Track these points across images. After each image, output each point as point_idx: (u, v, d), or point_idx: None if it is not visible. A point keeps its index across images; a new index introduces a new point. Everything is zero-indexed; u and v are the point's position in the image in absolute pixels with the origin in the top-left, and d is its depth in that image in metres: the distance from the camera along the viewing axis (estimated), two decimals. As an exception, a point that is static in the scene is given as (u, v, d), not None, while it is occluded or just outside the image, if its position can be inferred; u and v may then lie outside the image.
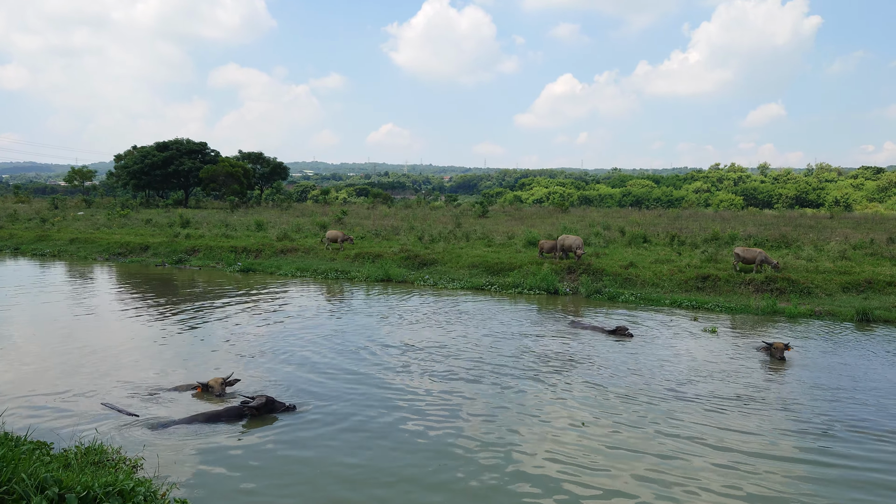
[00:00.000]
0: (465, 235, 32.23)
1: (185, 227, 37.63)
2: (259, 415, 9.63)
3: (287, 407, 9.91)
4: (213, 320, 16.56)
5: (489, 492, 7.55)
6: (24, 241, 35.11)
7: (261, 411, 9.65)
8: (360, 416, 9.79)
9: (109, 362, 12.32)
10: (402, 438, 9.01)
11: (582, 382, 11.64)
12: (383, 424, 9.50)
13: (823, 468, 8.26)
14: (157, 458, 7.90)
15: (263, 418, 9.59)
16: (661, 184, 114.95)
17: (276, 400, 9.95)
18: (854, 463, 8.43)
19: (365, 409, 10.09)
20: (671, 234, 31.30)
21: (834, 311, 18.48)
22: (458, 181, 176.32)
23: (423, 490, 7.58)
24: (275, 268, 26.65)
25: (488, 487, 7.64)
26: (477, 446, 8.74)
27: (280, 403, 9.91)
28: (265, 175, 75.23)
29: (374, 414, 9.89)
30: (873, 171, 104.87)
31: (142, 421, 9.33)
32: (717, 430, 9.44)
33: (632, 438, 9.11)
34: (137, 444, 8.41)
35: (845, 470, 8.22)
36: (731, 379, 12.07)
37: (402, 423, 9.58)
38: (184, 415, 9.58)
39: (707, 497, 7.46)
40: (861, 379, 12.22)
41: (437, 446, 8.76)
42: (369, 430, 9.23)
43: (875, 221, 42.77)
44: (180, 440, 8.65)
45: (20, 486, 5.38)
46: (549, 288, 21.79)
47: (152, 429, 9.02)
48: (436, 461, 8.29)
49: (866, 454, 8.71)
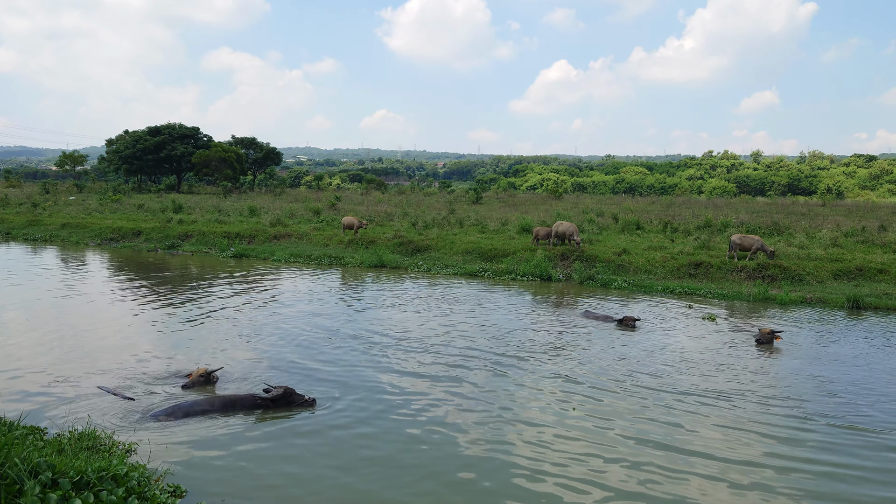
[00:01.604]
0: (459, 222, 32.21)
1: (177, 212, 37.42)
2: (274, 407, 9.18)
3: (306, 401, 9.38)
4: (205, 305, 16.53)
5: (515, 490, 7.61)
6: (16, 225, 34.85)
7: (277, 403, 9.19)
8: (352, 399, 9.82)
9: (103, 347, 12.29)
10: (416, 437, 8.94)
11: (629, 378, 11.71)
12: (392, 422, 9.28)
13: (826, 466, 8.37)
14: (149, 443, 7.89)
15: (280, 411, 9.16)
16: (655, 171, 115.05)
17: (296, 392, 9.42)
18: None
19: (362, 393, 10.12)
20: (664, 221, 31.37)
21: (825, 299, 18.63)
22: (452, 167, 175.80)
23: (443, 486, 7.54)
24: (268, 253, 26.60)
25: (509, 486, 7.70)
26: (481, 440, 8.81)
27: (299, 396, 9.41)
28: (258, 160, 74.78)
29: (376, 405, 9.88)
30: (865, 159, 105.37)
31: (147, 405, 9.24)
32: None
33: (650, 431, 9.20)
34: (130, 428, 8.41)
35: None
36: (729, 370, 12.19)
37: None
38: (183, 398, 9.49)
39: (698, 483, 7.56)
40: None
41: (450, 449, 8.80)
42: (369, 419, 9.26)
43: (867, 209, 42.99)
44: (174, 425, 8.63)
45: (13, 470, 5.39)
46: (542, 274, 21.84)
47: (167, 415, 8.78)
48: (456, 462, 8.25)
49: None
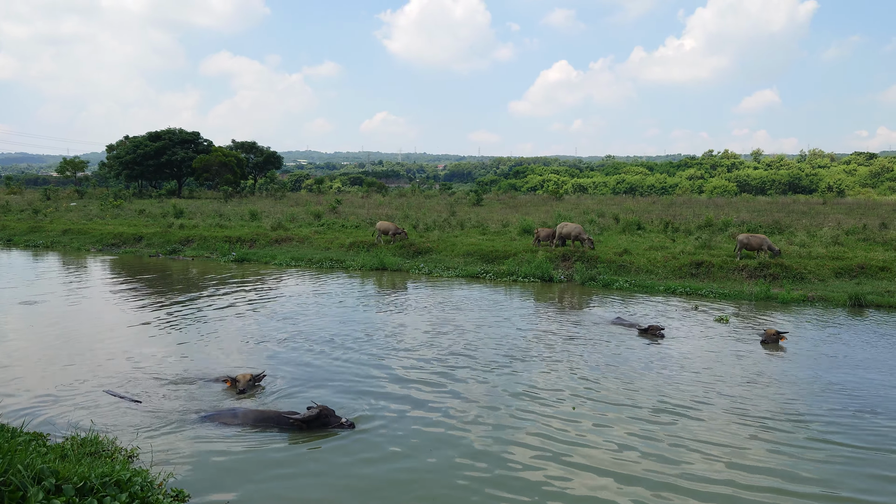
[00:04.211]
0: (460, 224, 32.22)
1: (178, 217, 37.46)
2: (307, 429, 8.43)
3: (342, 423, 8.52)
4: (207, 310, 16.53)
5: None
6: (17, 232, 34.88)
7: (310, 425, 8.43)
8: (359, 407, 9.82)
9: (106, 352, 12.28)
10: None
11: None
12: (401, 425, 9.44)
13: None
14: (152, 448, 7.89)
15: (315, 432, 8.42)
16: (655, 171, 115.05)
17: (334, 414, 8.59)
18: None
19: (366, 398, 10.12)
20: (665, 221, 31.37)
21: (827, 297, 18.60)
22: (453, 169, 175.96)
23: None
24: (269, 257, 26.60)
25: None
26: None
27: (336, 419, 8.56)
28: (259, 164, 74.91)
29: (379, 407, 9.91)
30: (866, 157, 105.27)
31: (188, 413, 9.11)
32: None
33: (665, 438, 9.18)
34: (132, 433, 8.41)
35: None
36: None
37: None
38: (201, 406, 9.37)
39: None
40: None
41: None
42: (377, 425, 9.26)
43: (868, 207, 42.97)
44: (177, 429, 8.63)
45: (17, 477, 5.38)
46: (543, 276, 21.83)
47: (201, 421, 8.76)
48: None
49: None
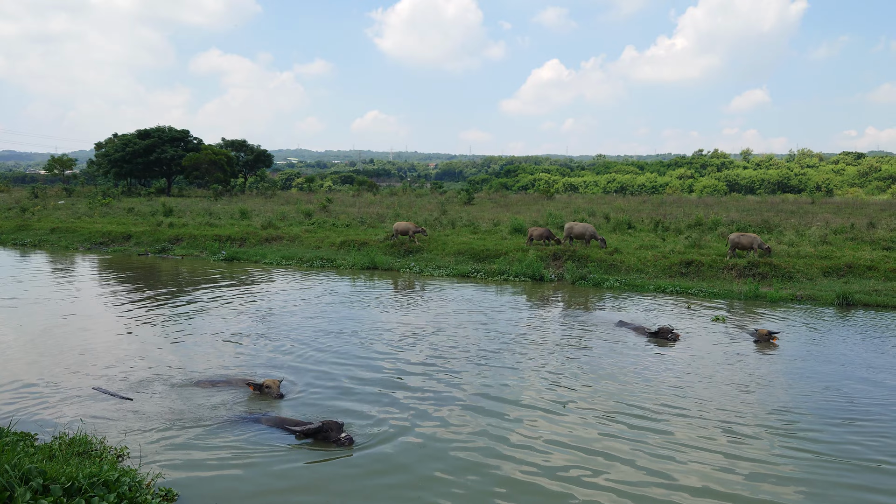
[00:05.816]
0: (451, 223, 32.22)
1: (167, 215, 37.24)
2: (305, 439, 8.27)
3: (340, 440, 8.13)
4: (196, 309, 16.45)
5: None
6: (4, 230, 34.54)
7: (309, 436, 8.25)
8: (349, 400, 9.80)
9: (93, 350, 12.20)
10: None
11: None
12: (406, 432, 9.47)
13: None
14: (140, 447, 7.85)
15: (317, 445, 8.17)
16: (646, 170, 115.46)
17: (333, 429, 8.22)
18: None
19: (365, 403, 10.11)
20: (655, 220, 31.52)
21: (815, 296, 18.74)
22: (444, 168, 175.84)
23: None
24: (259, 256, 26.50)
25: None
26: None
27: (335, 433, 8.20)
28: (249, 163, 74.52)
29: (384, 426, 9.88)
30: (854, 157, 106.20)
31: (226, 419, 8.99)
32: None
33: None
34: (122, 431, 8.35)
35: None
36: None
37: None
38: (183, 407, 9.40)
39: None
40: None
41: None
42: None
43: (856, 206, 43.34)
44: (167, 428, 8.58)
45: (4, 477, 5.35)
46: (534, 275, 21.86)
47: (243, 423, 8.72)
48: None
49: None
